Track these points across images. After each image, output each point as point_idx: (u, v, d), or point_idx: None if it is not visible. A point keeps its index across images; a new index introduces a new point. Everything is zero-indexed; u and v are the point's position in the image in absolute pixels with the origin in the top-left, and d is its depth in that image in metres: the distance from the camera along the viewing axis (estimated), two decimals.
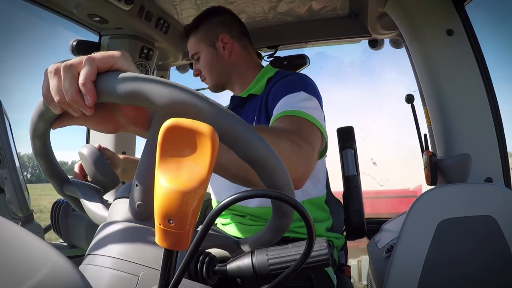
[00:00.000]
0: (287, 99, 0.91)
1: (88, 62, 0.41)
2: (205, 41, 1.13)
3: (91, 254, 0.45)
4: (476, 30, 1.15)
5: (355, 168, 1.39)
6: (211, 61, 1.13)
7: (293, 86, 0.95)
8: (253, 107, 1.07)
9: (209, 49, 1.13)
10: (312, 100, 0.92)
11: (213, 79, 1.16)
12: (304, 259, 0.36)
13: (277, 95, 0.96)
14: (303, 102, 0.89)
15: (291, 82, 0.99)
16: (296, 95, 0.92)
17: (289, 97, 0.92)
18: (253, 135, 0.40)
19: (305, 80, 1.00)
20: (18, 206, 0.98)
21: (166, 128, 0.30)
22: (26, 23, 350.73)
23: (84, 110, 0.43)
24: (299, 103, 0.88)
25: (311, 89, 0.96)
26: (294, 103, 0.88)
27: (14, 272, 0.27)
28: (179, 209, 0.30)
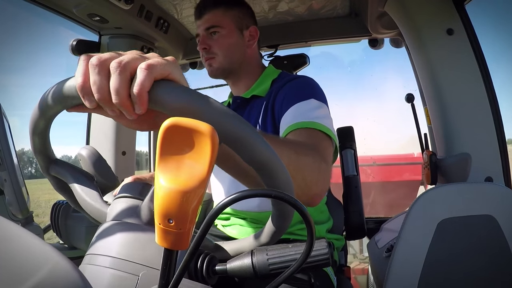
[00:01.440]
0: (298, 108, 0.90)
1: (148, 71, 0.38)
2: (236, 22, 1.06)
3: (91, 254, 0.45)
4: (476, 29, 1.15)
5: (355, 169, 1.38)
6: (234, 43, 1.06)
7: (302, 93, 0.94)
8: (257, 109, 1.05)
9: (236, 31, 1.06)
10: (323, 107, 0.92)
11: (226, 61, 1.07)
12: (304, 259, 0.36)
13: (286, 101, 0.94)
14: (315, 111, 0.88)
15: (300, 88, 0.97)
16: (307, 103, 0.90)
17: (300, 106, 0.90)
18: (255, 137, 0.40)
19: (313, 86, 0.98)
20: (17, 208, 0.98)
21: (166, 127, 0.30)
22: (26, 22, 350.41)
23: (129, 115, 0.40)
24: (312, 112, 0.87)
25: (320, 95, 0.95)
26: (307, 112, 0.87)
27: (14, 272, 0.27)
28: (179, 209, 0.30)
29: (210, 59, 1.07)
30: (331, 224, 1.12)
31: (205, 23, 1.06)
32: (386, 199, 3.93)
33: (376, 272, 1.23)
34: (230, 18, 1.05)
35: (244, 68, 1.10)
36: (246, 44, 1.09)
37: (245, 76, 1.12)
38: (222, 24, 1.05)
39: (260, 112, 1.04)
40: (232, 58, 1.07)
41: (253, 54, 1.12)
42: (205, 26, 1.06)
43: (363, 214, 1.34)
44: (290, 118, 0.88)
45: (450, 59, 1.15)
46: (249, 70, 1.12)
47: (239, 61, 1.08)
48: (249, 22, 1.10)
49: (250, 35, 1.09)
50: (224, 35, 1.05)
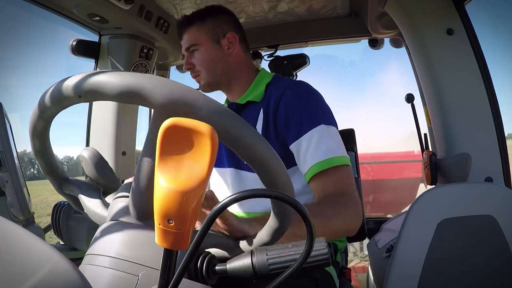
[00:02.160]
0: (310, 140, 0.93)
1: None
2: (210, 34, 1.06)
3: (91, 254, 0.45)
4: (476, 29, 1.15)
5: (355, 171, 1.39)
6: (213, 57, 1.06)
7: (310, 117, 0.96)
8: (252, 114, 1.05)
9: (212, 44, 1.06)
10: (332, 132, 0.95)
11: (210, 76, 1.08)
12: (304, 259, 0.36)
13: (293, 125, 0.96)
14: (328, 141, 0.93)
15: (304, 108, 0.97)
16: (318, 133, 0.93)
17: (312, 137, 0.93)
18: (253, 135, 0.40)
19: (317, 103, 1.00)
20: (19, 209, 0.98)
21: (166, 127, 0.30)
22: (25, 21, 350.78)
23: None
24: (325, 144, 0.92)
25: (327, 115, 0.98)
26: (321, 146, 0.92)
27: (14, 272, 0.27)
28: (179, 209, 0.30)
29: (196, 76, 1.10)
30: None
31: (185, 43, 1.09)
32: (386, 196, 3.92)
33: (376, 272, 1.23)
34: (204, 32, 1.06)
35: (232, 76, 1.10)
36: (226, 53, 1.08)
37: (236, 83, 1.12)
38: (197, 41, 1.07)
39: (257, 118, 1.04)
40: (215, 72, 1.08)
41: (237, 59, 1.10)
42: (185, 46, 1.09)
43: (364, 215, 1.34)
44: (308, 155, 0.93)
45: (450, 59, 1.15)
46: (239, 76, 1.11)
47: (224, 71, 1.09)
48: (226, 29, 1.08)
49: (229, 42, 1.08)
50: (203, 51, 1.07)
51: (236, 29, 1.10)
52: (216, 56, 1.07)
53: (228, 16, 1.11)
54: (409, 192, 3.83)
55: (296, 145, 0.95)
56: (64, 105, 0.45)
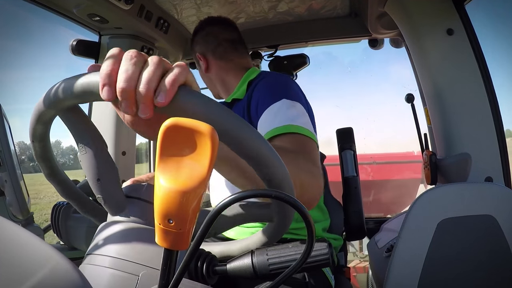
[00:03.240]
0: (271, 111, 0.90)
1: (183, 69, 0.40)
2: (195, 60, 1.26)
3: (91, 253, 0.45)
4: (476, 29, 1.15)
5: (354, 169, 1.38)
6: (201, 76, 1.28)
7: (273, 93, 0.94)
8: (238, 112, 1.06)
9: (198, 67, 1.28)
10: (296, 106, 0.91)
11: (211, 92, 1.30)
12: (304, 259, 0.36)
13: (260, 105, 0.95)
14: (288, 112, 0.88)
15: (270, 89, 0.98)
16: (278, 104, 0.90)
17: (273, 108, 0.90)
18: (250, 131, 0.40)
19: (284, 83, 0.99)
20: (18, 209, 0.98)
21: (166, 127, 0.30)
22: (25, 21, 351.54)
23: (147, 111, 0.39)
24: (285, 114, 0.87)
25: (292, 93, 0.95)
26: (280, 115, 0.87)
27: (14, 272, 0.27)
28: (179, 209, 0.30)
29: None
30: (328, 223, 1.12)
31: None
32: (386, 197, 3.92)
33: (376, 272, 1.23)
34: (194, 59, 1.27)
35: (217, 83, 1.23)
36: (203, 69, 1.22)
37: (224, 87, 1.21)
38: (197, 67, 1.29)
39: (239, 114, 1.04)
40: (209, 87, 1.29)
41: (216, 69, 1.21)
42: None
43: (363, 214, 1.34)
44: (266, 124, 0.88)
45: (450, 59, 1.15)
46: (222, 80, 1.21)
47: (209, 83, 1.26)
48: (196, 50, 1.24)
49: (201, 61, 1.22)
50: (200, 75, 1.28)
51: (203, 44, 1.22)
52: (202, 76, 1.28)
53: (198, 34, 1.25)
54: (409, 193, 3.83)
55: (260, 121, 0.92)
56: (61, 107, 0.45)
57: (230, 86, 1.18)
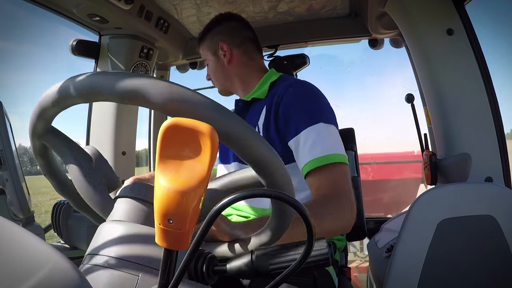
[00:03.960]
0: (309, 137, 0.94)
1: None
2: (210, 49, 1.19)
3: (91, 254, 0.45)
4: (476, 29, 1.15)
5: (355, 170, 1.38)
6: (215, 68, 1.20)
7: (310, 114, 0.97)
8: (257, 111, 1.08)
9: (212, 57, 1.19)
10: (330, 129, 0.96)
11: (218, 85, 1.24)
12: (304, 259, 0.36)
13: (294, 121, 0.97)
14: (326, 139, 0.94)
15: (306, 105, 0.99)
16: (315, 129, 0.94)
17: (311, 134, 0.94)
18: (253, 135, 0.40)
19: (316, 101, 1.01)
20: (19, 208, 0.98)
21: (166, 127, 0.30)
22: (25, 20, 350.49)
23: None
24: (323, 142, 0.93)
25: (325, 111, 0.99)
26: (319, 143, 0.92)
27: (14, 272, 0.27)
28: (179, 209, 0.30)
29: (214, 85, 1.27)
30: None
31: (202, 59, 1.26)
32: (387, 197, 3.92)
33: (376, 272, 1.23)
34: (206, 48, 1.20)
35: (235, 79, 1.19)
36: (224, 62, 1.18)
37: (242, 83, 1.19)
38: (205, 57, 1.22)
39: (259, 114, 1.06)
40: (219, 80, 1.22)
41: (237, 63, 1.18)
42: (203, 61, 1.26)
43: (364, 215, 1.34)
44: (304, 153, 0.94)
45: (450, 59, 1.15)
46: (242, 77, 1.18)
47: (226, 77, 1.20)
48: (219, 40, 1.18)
49: (223, 51, 1.17)
50: (209, 65, 1.21)
51: (228, 36, 1.19)
52: (217, 68, 1.20)
53: (223, 25, 1.20)
54: (409, 192, 3.82)
55: (295, 141, 0.96)
56: (64, 105, 0.45)
57: (250, 84, 1.18)
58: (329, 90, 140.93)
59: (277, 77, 1.14)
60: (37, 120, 0.48)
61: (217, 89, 1.28)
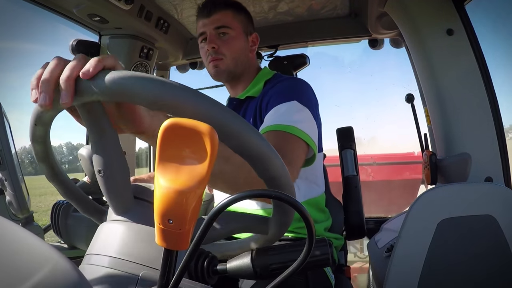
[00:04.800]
0: (278, 109, 0.91)
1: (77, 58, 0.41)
2: (243, 26, 1.08)
3: (91, 253, 0.45)
4: (476, 29, 1.15)
5: (354, 169, 1.38)
6: (241, 47, 1.08)
7: (286, 94, 0.95)
8: (251, 109, 1.07)
9: (243, 35, 1.08)
10: (304, 111, 0.92)
11: (232, 64, 1.06)
12: (304, 259, 0.36)
13: (271, 101, 0.96)
14: (295, 115, 0.89)
15: (285, 89, 0.98)
16: (288, 105, 0.91)
17: (281, 107, 0.91)
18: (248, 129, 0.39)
19: (299, 87, 0.99)
20: (18, 208, 0.98)
21: (165, 127, 0.30)
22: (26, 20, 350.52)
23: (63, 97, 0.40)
24: (290, 115, 0.88)
25: (304, 98, 0.95)
26: (285, 115, 0.88)
27: (14, 272, 0.27)
28: (179, 209, 0.30)
29: (216, 59, 1.05)
30: (329, 223, 1.12)
31: (215, 22, 1.05)
32: (387, 198, 3.92)
33: (376, 272, 1.23)
34: (239, 21, 1.07)
35: (245, 71, 1.12)
36: (249, 49, 1.12)
37: (244, 78, 1.14)
38: (232, 25, 1.05)
39: (252, 112, 1.05)
40: (238, 61, 1.07)
41: (253, 59, 1.15)
42: (215, 25, 1.04)
43: (363, 214, 1.34)
44: (268, 120, 0.90)
45: (450, 59, 1.15)
46: (248, 73, 1.14)
47: (243, 64, 1.09)
48: (252, 28, 1.14)
49: (252, 41, 1.13)
50: (234, 37, 1.05)
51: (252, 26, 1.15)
52: (243, 47, 1.08)
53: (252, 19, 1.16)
54: (409, 193, 3.82)
55: (266, 117, 0.93)
56: (60, 108, 0.45)
57: (247, 80, 1.13)
58: (329, 90, 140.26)
59: (272, 75, 1.13)
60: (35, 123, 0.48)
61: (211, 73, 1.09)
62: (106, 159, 0.46)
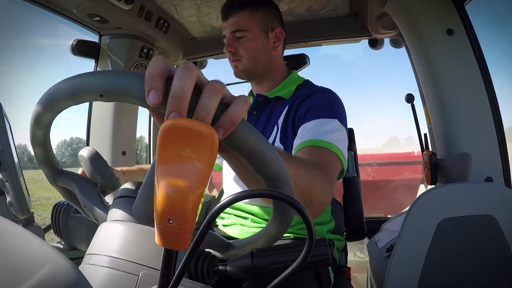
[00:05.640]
0: (319, 125, 0.91)
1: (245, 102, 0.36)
2: (261, 24, 1.06)
3: (91, 253, 0.45)
4: (476, 29, 1.15)
5: (355, 170, 1.38)
6: (259, 47, 1.07)
7: (329, 111, 0.95)
8: (278, 110, 1.06)
9: (261, 34, 1.07)
10: (342, 131, 0.93)
11: (250, 65, 1.07)
12: (304, 259, 0.36)
13: (312, 112, 0.95)
14: (335, 134, 0.90)
15: (326, 104, 0.98)
16: (329, 122, 0.92)
17: (321, 123, 0.92)
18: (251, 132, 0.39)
19: (338, 104, 1.00)
20: (18, 209, 0.98)
21: (166, 128, 0.30)
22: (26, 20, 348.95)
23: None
24: (332, 133, 0.89)
25: (343, 117, 0.97)
26: (325, 132, 0.89)
27: (14, 272, 0.27)
28: (179, 209, 0.30)
29: (236, 61, 1.08)
30: (333, 225, 1.13)
31: (231, 26, 1.06)
32: (386, 198, 3.92)
33: (376, 272, 1.23)
34: (255, 21, 1.06)
35: (268, 70, 1.11)
36: (271, 46, 1.09)
37: (269, 77, 1.12)
38: (247, 27, 1.05)
39: (281, 113, 1.05)
40: (256, 61, 1.07)
41: (277, 55, 1.12)
42: (231, 29, 1.06)
43: (363, 215, 1.34)
44: (309, 132, 0.90)
45: (450, 59, 1.15)
46: (273, 71, 1.12)
47: (264, 63, 1.09)
48: (275, 23, 1.09)
49: (276, 37, 1.09)
50: (250, 39, 1.05)
51: (281, 24, 1.12)
52: (262, 47, 1.07)
53: (277, 11, 1.12)
54: (409, 193, 3.83)
55: (305, 124, 0.93)
56: (57, 110, 0.45)
57: (275, 80, 1.12)
58: None
59: (303, 81, 1.13)
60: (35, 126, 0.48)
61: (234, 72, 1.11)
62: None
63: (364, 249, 2.73)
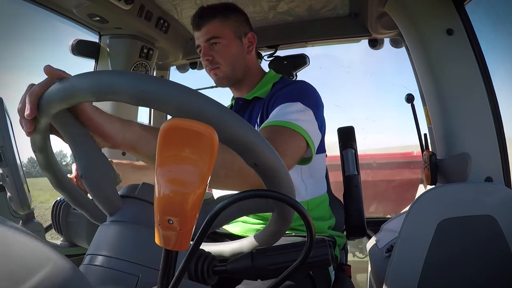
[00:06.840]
0: (281, 108, 0.92)
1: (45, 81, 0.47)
2: (233, 31, 1.09)
3: (91, 254, 0.45)
4: (476, 29, 1.15)
5: (355, 168, 1.38)
6: (235, 52, 1.09)
7: (291, 96, 0.96)
8: (257, 110, 1.08)
9: (235, 40, 1.09)
10: (306, 112, 0.93)
11: (229, 71, 1.09)
12: (304, 259, 0.36)
13: (277, 102, 0.97)
14: (296, 114, 0.89)
15: (291, 91, 1.00)
16: (291, 105, 0.93)
17: (284, 107, 0.93)
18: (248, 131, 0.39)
19: (305, 90, 1.00)
20: (19, 204, 0.98)
21: (166, 128, 0.30)
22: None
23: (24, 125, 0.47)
24: (291, 114, 0.89)
25: (308, 100, 0.96)
26: (286, 113, 0.89)
27: (14, 272, 0.27)
28: (179, 209, 0.30)
29: (214, 69, 1.09)
30: (333, 222, 1.14)
31: (205, 34, 1.07)
32: (386, 197, 3.93)
33: (376, 272, 1.23)
34: (229, 27, 1.08)
35: (246, 74, 1.13)
36: (246, 51, 1.12)
37: (247, 80, 1.15)
38: (222, 34, 1.07)
39: (259, 112, 1.07)
40: (235, 67, 1.09)
41: (252, 58, 1.15)
42: (206, 37, 1.07)
43: (364, 213, 1.34)
44: (270, 117, 0.91)
45: (450, 59, 1.15)
46: (250, 74, 1.15)
47: (241, 68, 1.11)
48: (246, 29, 1.13)
49: (249, 41, 1.12)
50: (225, 45, 1.07)
51: (251, 29, 1.15)
52: (237, 52, 1.09)
53: (246, 17, 1.15)
54: (408, 193, 3.83)
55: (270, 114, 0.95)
56: (50, 113, 0.45)
57: (253, 82, 1.14)
58: (329, 90, 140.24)
59: (279, 78, 1.15)
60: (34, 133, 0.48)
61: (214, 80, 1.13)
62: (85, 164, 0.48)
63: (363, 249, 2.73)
